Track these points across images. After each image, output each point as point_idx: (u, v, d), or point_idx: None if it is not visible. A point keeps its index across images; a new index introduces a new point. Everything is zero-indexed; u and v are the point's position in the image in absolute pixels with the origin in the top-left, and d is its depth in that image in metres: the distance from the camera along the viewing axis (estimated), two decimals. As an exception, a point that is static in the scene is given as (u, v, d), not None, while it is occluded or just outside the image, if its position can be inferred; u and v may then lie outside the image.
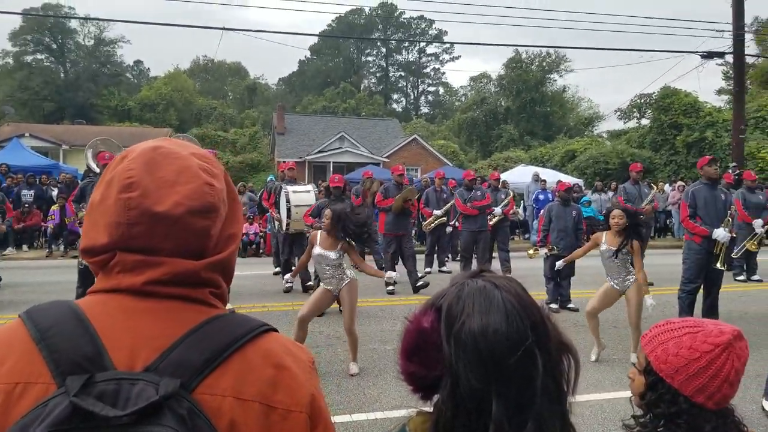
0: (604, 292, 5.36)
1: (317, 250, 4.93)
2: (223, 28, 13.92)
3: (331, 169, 30.01)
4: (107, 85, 53.43)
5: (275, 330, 0.90)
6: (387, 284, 8.48)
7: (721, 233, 5.97)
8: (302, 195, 8.05)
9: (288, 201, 7.88)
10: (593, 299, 5.38)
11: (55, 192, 13.74)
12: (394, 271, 8.46)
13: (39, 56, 53.79)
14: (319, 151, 30.69)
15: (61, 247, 12.38)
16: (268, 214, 10.82)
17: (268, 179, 14.75)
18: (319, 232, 5.06)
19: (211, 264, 0.87)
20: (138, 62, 66.44)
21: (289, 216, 7.90)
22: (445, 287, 1.00)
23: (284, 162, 27.74)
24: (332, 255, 4.90)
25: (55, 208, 12.63)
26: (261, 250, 12.84)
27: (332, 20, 61.14)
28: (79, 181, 13.23)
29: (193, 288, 0.85)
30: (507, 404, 0.88)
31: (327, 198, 7.88)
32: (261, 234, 12.88)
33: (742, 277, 9.50)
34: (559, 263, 6.41)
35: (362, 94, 57.64)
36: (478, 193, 9.02)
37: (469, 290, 0.95)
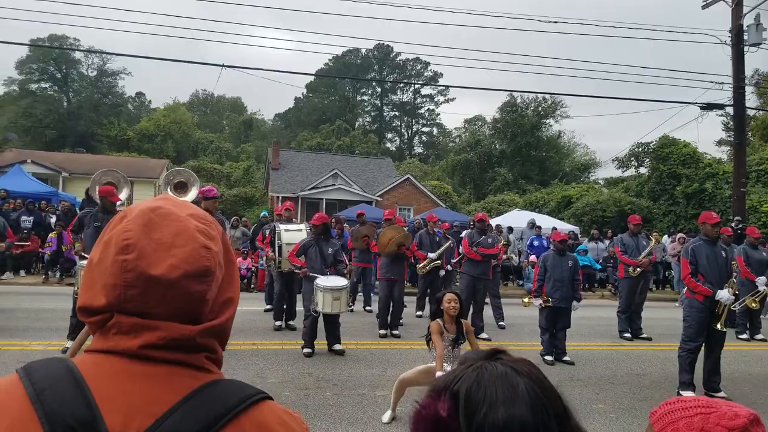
0: (426, 371, 4.76)
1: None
2: (222, 65, 13.99)
3: (324, 206, 30.02)
4: (108, 115, 53.99)
5: (270, 398, 0.90)
6: (380, 327, 8.32)
7: (724, 295, 5.81)
8: (293, 233, 7.97)
9: (279, 239, 7.80)
10: (413, 371, 4.85)
11: (53, 219, 13.79)
12: (386, 327, 8.34)
13: (43, 85, 54.63)
14: (313, 188, 30.74)
15: (57, 274, 12.52)
16: (260, 249, 10.69)
17: (261, 214, 14.65)
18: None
19: (207, 330, 0.87)
20: (139, 94, 67.42)
21: (280, 254, 7.80)
22: (459, 368, 0.91)
23: (278, 201, 27.59)
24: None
25: (52, 235, 12.76)
26: (252, 286, 12.63)
27: (329, 59, 62.45)
28: (77, 210, 13.18)
29: (189, 353, 0.85)
30: None
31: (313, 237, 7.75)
32: (253, 269, 12.70)
33: (745, 336, 9.31)
34: None
35: (357, 132, 58.29)
36: (489, 240, 8.83)
37: (489, 376, 0.88)
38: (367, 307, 10.37)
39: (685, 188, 21.99)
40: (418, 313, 10.00)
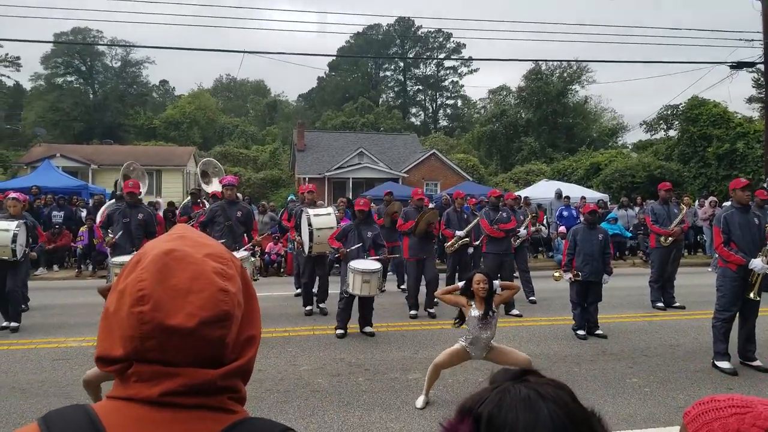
0: (457, 353, 4.80)
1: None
2: (244, 52, 14.10)
3: (351, 185, 30.09)
4: (134, 105, 54.74)
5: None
6: (410, 308, 8.41)
7: (758, 264, 5.70)
8: (324, 218, 8.03)
9: (310, 224, 7.85)
10: (445, 354, 4.82)
11: (84, 213, 14.08)
12: (417, 308, 8.39)
13: (69, 78, 55.42)
14: (339, 168, 30.81)
15: (90, 267, 12.84)
16: (287, 230, 10.83)
17: (289, 198, 14.80)
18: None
19: (229, 372, 0.86)
20: (163, 82, 68.06)
21: (311, 239, 7.87)
22: (484, 390, 0.90)
23: (304, 183, 27.77)
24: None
25: (83, 229, 13.01)
26: (282, 269, 12.84)
27: (350, 36, 61.83)
28: (106, 200, 13.56)
29: (211, 396, 0.84)
30: None
31: (352, 221, 7.85)
32: (282, 254, 12.90)
33: (779, 300, 9.14)
34: None
35: (381, 108, 57.89)
36: (504, 215, 8.82)
37: (511, 400, 0.85)
38: (402, 287, 10.39)
39: (716, 149, 21.41)
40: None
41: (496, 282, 4.86)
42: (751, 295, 5.81)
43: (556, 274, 7.84)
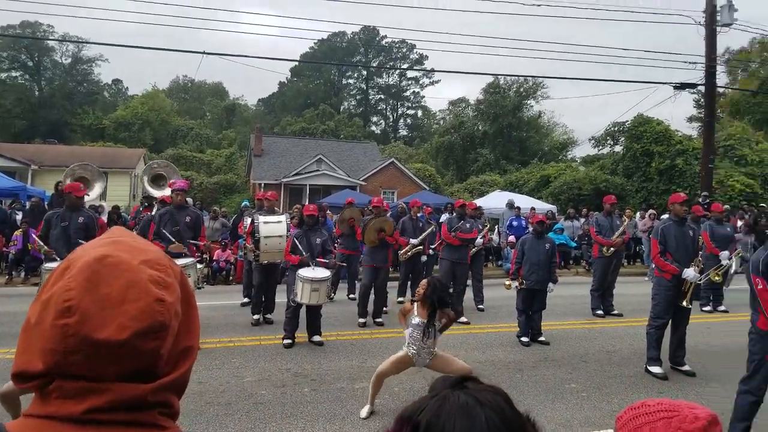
0: (400, 360, 4.80)
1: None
2: (204, 53, 13.84)
3: (308, 192, 29.94)
4: (82, 104, 52.83)
5: None
6: (359, 316, 8.42)
7: (691, 274, 6.04)
8: (273, 226, 7.90)
9: (258, 232, 7.74)
10: (388, 362, 4.82)
11: (19, 216, 13.26)
12: (365, 316, 8.42)
13: (14, 74, 53.06)
14: (296, 174, 30.61)
15: (22, 274, 12.10)
16: (240, 241, 10.64)
17: (242, 204, 14.59)
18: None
19: (162, 386, 0.81)
20: (116, 81, 66.07)
21: (257, 247, 7.76)
22: (424, 398, 0.92)
23: (260, 188, 27.25)
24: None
25: (18, 233, 12.20)
26: (231, 278, 12.62)
27: (314, 42, 61.73)
28: (46, 206, 12.91)
29: (141, 411, 0.79)
30: None
31: (300, 227, 7.77)
32: (232, 261, 12.66)
33: (708, 308, 9.61)
34: None
35: (342, 116, 57.92)
36: (467, 225, 8.95)
37: (450, 407, 0.86)
38: (351, 295, 10.43)
39: (658, 165, 22.56)
40: (400, 299, 10.11)
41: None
42: (684, 303, 6.13)
43: (507, 283, 8.02)
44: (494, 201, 19.29)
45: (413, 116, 69.84)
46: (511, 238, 13.96)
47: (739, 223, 13.11)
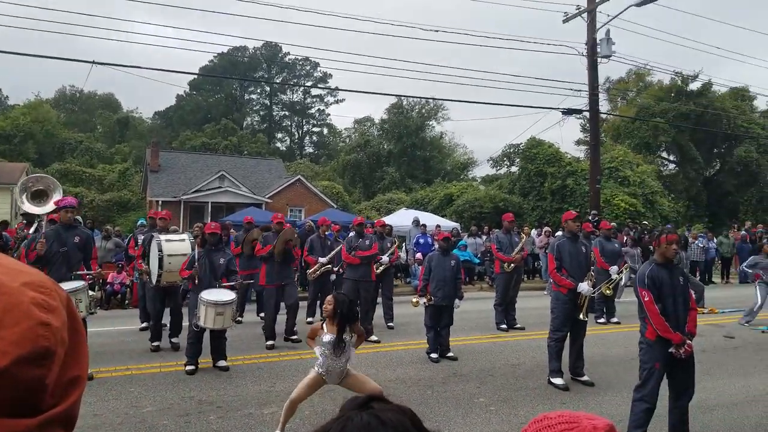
0: (312, 382, 4.66)
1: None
2: (93, 62, 12.91)
3: (209, 210, 28.83)
4: (-47, 114, 47.67)
5: None
6: (267, 339, 8.15)
7: (584, 288, 6.42)
8: (176, 244, 7.51)
9: (160, 250, 7.31)
10: (300, 388, 4.65)
11: None
12: (274, 338, 8.17)
13: None
14: (196, 191, 29.38)
15: None
16: (133, 259, 10.02)
17: (138, 223, 13.75)
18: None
19: (47, 420, 0.72)
20: (-7, 89, 60.30)
21: (161, 266, 7.30)
22: (330, 420, 0.90)
23: (157, 206, 25.84)
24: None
25: None
26: (127, 301, 11.82)
27: (214, 56, 60.01)
28: None
29: None
30: None
31: (203, 247, 7.41)
32: (128, 284, 11.86)
33: (602, 320, 10.27)
34: None
35: (245, 131, 56.61)
36: (367, 242, 8.98)
37: (352, 428, 0.86)
38: (261, 314, 10.08)
39: (551, 185, 24.15)
40: (309, 319, 9.93)
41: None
42: (581, 316, 6.50)
43: (415, 300, 8.12)
44: (401, 219, 19.61)
45: (319, 134, 69.71)
46: (419, 255, 14.23)
47: (626, 239, 14.22)
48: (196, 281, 6.83)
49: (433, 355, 7.43)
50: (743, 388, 6.30)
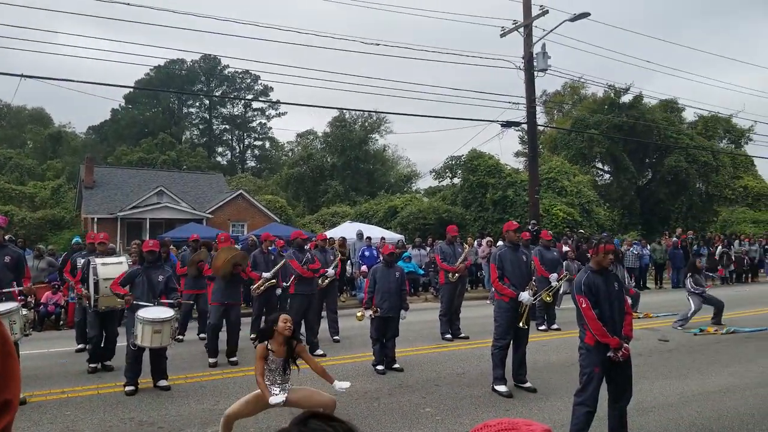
0: (252, 400, 4.58)
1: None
2: (22, 75, 12.31)
3: (148, 226, 27.89)
4: None
5: None
6: (209, 356, 7.98)
7: (525, 296, 6.61)
8: (112, 267, 7.24)
9: (95, 275, 7.04)
10: (238, 404, 4.57)
11: None
12: (216, 355, 8.00)
13: None
14: (134, 207, 28.38)
15: None
16: (70, 282, 9.60)
17: (74, 241, 13.15)
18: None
19: None
20: None
21: (96, 291, 7.04)
22: None
23: (92, 223, 24.77)
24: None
25: None
26: (61, 322, 11.27)
27: (150, 69, 58.31)
28: None
29: None
30: None
31: (141, 264, 7.19)
32: (62, 304, 11.33)
33: (543, 327, 10.58)
34: None
35: (184, 146, 55.18)
36: (309, 255, 8.99)
37: None
38: (202, 335, 9.86)
39: (492, 196, 24.78)
40: (253, 335, 9.77)
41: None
42: (521, 324, 6.68)
43: (359, 314, 8.15)
44: (345, 232, 19.60)
45: (261, 147, 68.74)
46: (364, 267, 14.27)
47: (565, 248, 14.76)
48: (133, 302, 6.61)
49: (380, 367, 7.47)
50: (678, 389, 6.56)
